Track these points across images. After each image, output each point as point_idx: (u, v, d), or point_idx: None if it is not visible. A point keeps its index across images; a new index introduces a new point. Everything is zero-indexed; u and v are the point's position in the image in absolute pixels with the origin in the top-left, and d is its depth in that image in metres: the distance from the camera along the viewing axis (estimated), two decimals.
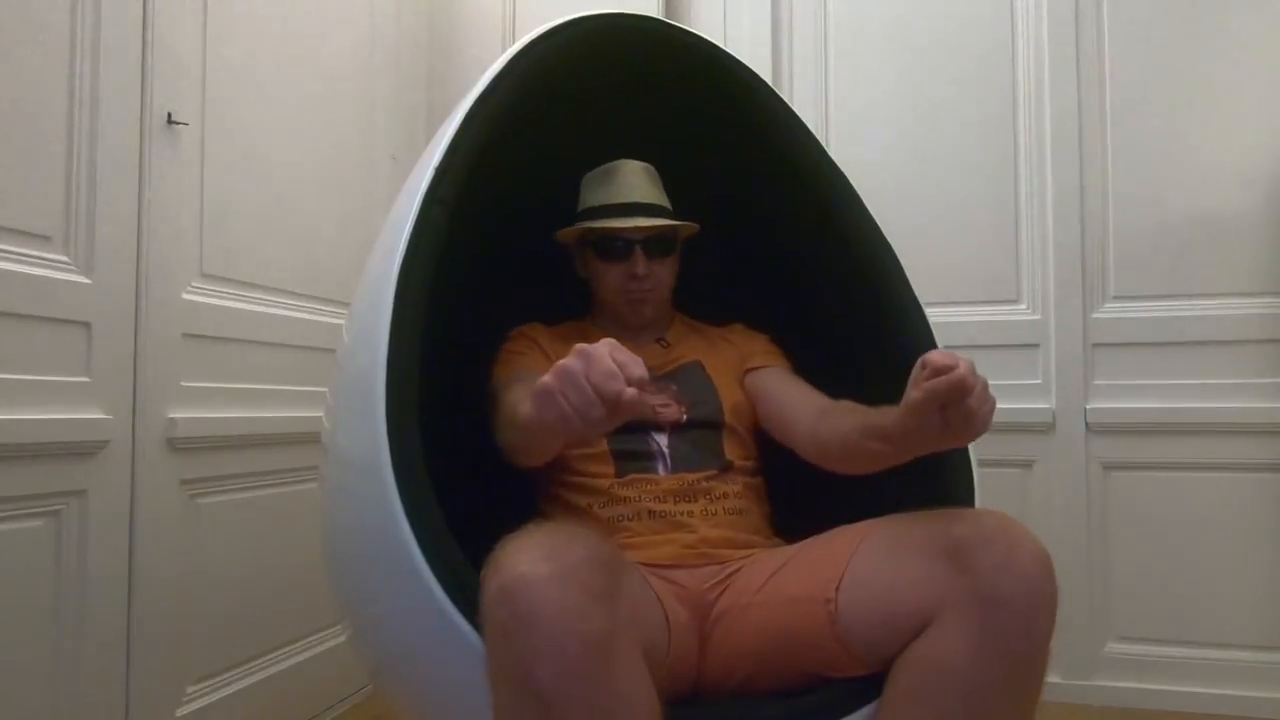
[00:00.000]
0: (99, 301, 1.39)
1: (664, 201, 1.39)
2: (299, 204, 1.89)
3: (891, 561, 0.97)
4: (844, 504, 1.20)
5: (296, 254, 1.88)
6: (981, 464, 1.22)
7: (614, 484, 1.23)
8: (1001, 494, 2.00)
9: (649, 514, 1.21)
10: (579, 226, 1.36)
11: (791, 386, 1.35)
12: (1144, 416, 2.06)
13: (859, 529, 1.06)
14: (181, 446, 1.54)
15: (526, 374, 1.22)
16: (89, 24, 1.37)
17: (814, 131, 1.37)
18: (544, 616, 0.76)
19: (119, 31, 1.42)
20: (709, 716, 1.05)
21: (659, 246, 1.34)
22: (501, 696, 0.81)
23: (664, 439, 1.28)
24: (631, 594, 0.92)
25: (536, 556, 0.80)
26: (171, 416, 1.52)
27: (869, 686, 0.97)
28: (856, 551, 1.01)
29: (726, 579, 1.15)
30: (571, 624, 0.77)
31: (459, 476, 1.02)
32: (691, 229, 1.39)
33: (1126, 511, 2.08)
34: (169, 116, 1.52)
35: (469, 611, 0.89)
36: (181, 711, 1.56)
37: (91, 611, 1.37)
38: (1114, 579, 2.08)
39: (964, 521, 0.94)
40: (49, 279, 1.31)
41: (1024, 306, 2.18)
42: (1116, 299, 2.12)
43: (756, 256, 1.57)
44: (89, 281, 1.37)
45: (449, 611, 0.91)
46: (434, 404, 1.03)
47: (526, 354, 1.32)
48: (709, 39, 1.44)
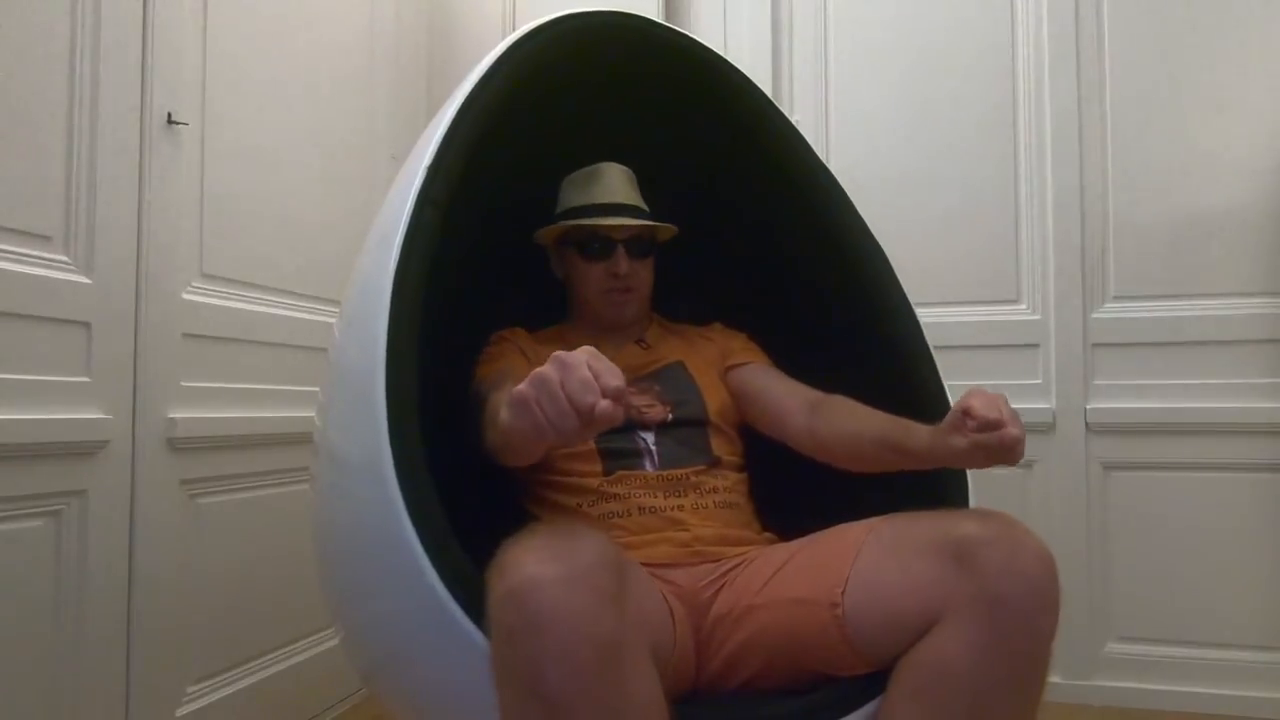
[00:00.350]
0: (99, 301, 1.39)
1: (644, 205, 1.41)
2: (299, 204, 1.89)
3: (896, 563, 0.97)
4: (836, 500, 1.21)
5: (296, 254, 1.88)
6: None
7: (602, 482, 1.24)
8: (1001, 494, 2.00)
9: (640, 510, 1.21)
10: (562, 225, 1.37)
11: (776, 381, 1.37)
12: (1144, 416, 2.07)
13: (860, 528, 1.05)
14: (181, 446, 1.54)
15: (508, 375, 1.23)
16: (89, 24, 1.37)
17: (814, 132, 1.37)
18: (553, 619, 0.76)
19: (119, 31, 1.42)
20: (715, 715, 1.04)
21: (639, 247, 1.36)
22: (508, 698, 0.81)
23: (651, 437, 1.28)
24: (638, 594, 0.91)
25: (544, 558, 0.79)
26: (171, 416, 1.52)
27: (871, 684, 0.98)
28: (860, 552, 1.01)
29: (722, 577, 1.15)
30: (581, 627, 0.76)
31: (447, 477, 1.01)
32: (670, 231, 1.41)
33: (1126, 511, 2.08)
34: (169, 116, 1.52)
35: (473, 611, 0.88)
36: (181, 711, 1.56)
37: (91, 611, 1.37)
38: (1114, 579, 2.08)
39: (968, 522, 0.94)
40: (49, 279, 1.31)
41: (1024, 306, 2.18)
42: (1116, 299, 2.12)
43: (744, 257, 1.57)
44: (89, 281, 1.37)
45: (453, 611, 0.90)
46: (422, 404, 1.02)
47: (507, 356, 1.32)
48: (698, 39, 1.44)
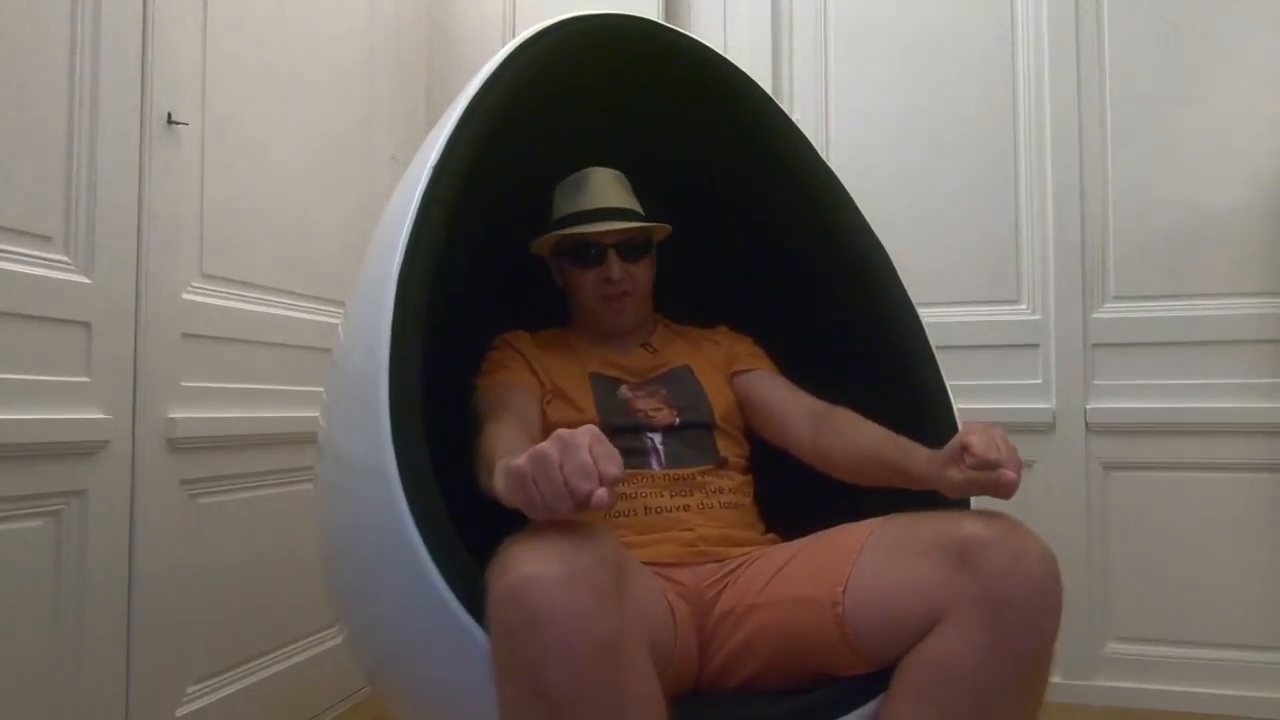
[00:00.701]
0: (99, 301, 1.39)
1: (634, 206, 1.40)
2: (299, 204, 1.89)
3: (898, 562, 0.97)
4: (838, 501, 1.21)
5: (296, 254, 1.88)
6: None
7: (620, 485, 1.23)
8: None
9: (645, 510, 1.22)
10: (552, 235, 1.37)
11: (781, 390, 1.38)
12: (1144, 416, 2.06)
13: (862, 528, 1.06)
14: (181, 446, 1.54)
15: (509, 393, 1.24)
16: (89, 24, 1.37)
17: (814, 131, 1.37)
18: (553, 618, 0.76)
19: (119, 31, 1.42)
20: (714, 714, 1.05)
21: (632, 250, 1.36)
22: (509, 697, 0.81)
23: (658, 437, 1.29)
24: (638, 592, 0.91)
25: (544, 557, 0.79)
26: (171, 416, 1.52)
27: (871, 684, 0.98)
28: (861, 552, 1.01)
29: (726, 577, 1.15)
30: (581, 625, 0.76)
31: (450, 476, 1.01)
32: (664, 230, 1.40)
33: (1126, 511, 2.08)
34: (169, 116, 1.52)
35: (475, 610, 0.88)
36: (181, 711, 1.56)
37: (91, 611, 1.37)
38: (1114, 579, 2.08)
39: (971, 523, 0.94)
40: (49, 279, 1.31)
41: (1024, 306, 2.18)
42: (1116, 299, 2.12)
43: (747, 257, 1.57)
44: (89, 281, 1.37)
45: (455, 610, 0.90)
46: (425, 404, 1.02)
47: (510, 366, 1.32)
48: (700, 40, 1.44)
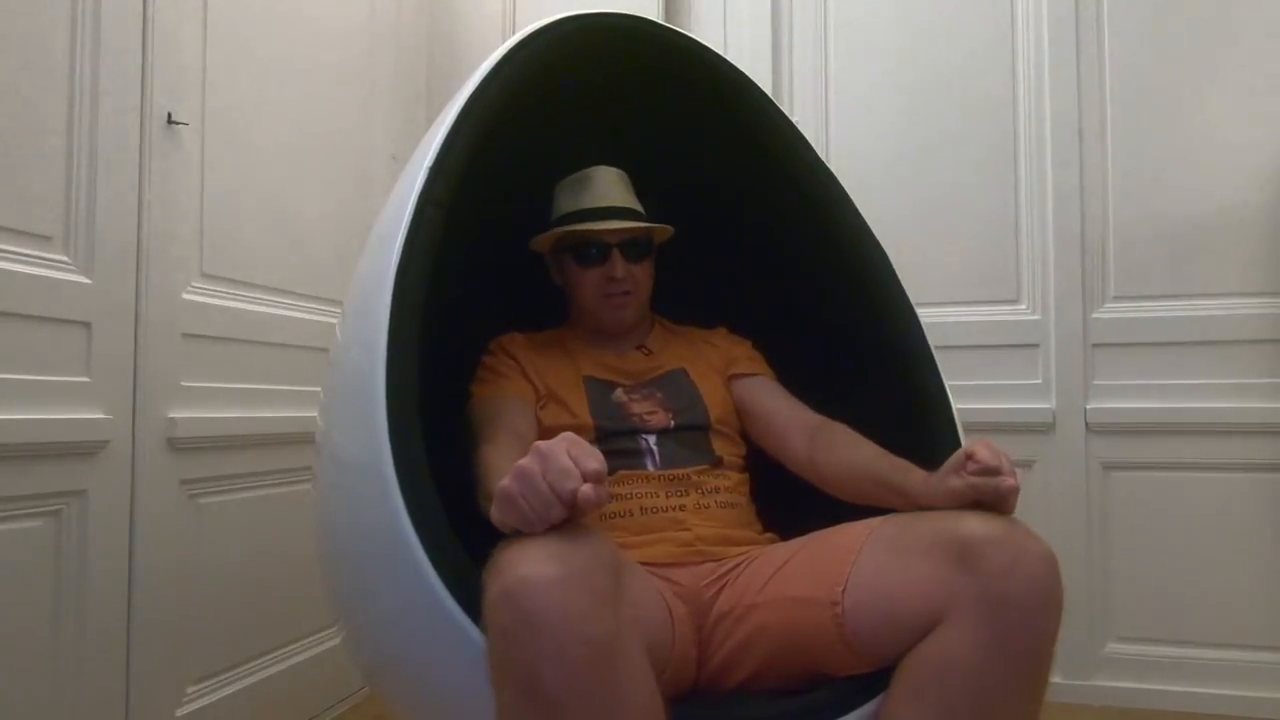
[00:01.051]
0: (99, 301, 1.39)
1: (638, 206, 1.40)
2: (299, 204, 1.89)
3: (897, 562, 0.97)
4: (837, 501, 1.21)
5: (296, 254, 1.88)
6: None
7: (606, 483, 1.23)
8: None
9: (641, 510, 1.22)
10: (554, 232, 1.36)
11: (779, 400, 1.37)
12: (1144, 416, 2.06)
13: (861, 527, 1.05)
14: (181, 446, 1.54)
15: (503, 405, 1.24)
16: (89, 24, 1.37)
17: (814, 131, 1.37)
18: (548, 620, 0.76)
19: (119, 31, 1.42)
20: (713, 715, 1.04)
21: (635, 250, 1.36)
22: (505, 698, 0.81)
23: (653, 439, 1.29)
24: (635, 593, 0.91)
25: (540, 558, 0.79)
26: (171, 416, 1.52)
27: (870, 684, 0.98)
28: (861, 551, 1.01)
29: (724, 576, 1.15)
30: (576, 627, 0.76)
31: (447, 476, 1.01)
32: (666, 232, 1.40)
33: (1126, 511, 2.08)
34: (169, 116, 1.52)
35: (472, 610, 0.88)
36: (181, 711, 1.56)
37: (91, 612, 1.37)
38: (1114, 579, 2.08)
39: (971, 522, 0.93)
40: (49, 279, 1.31)
41: (1024, 306, 2.18)
42: (1116, 299, 2.12)
43: (746, 257, 1.57)
44: (89, 281, 1.37)
45: (452, 610, 0.90)
46: (423, 404, 1.02)
47: (505, 374, 1.31)
48: (699, 40, 1.44)
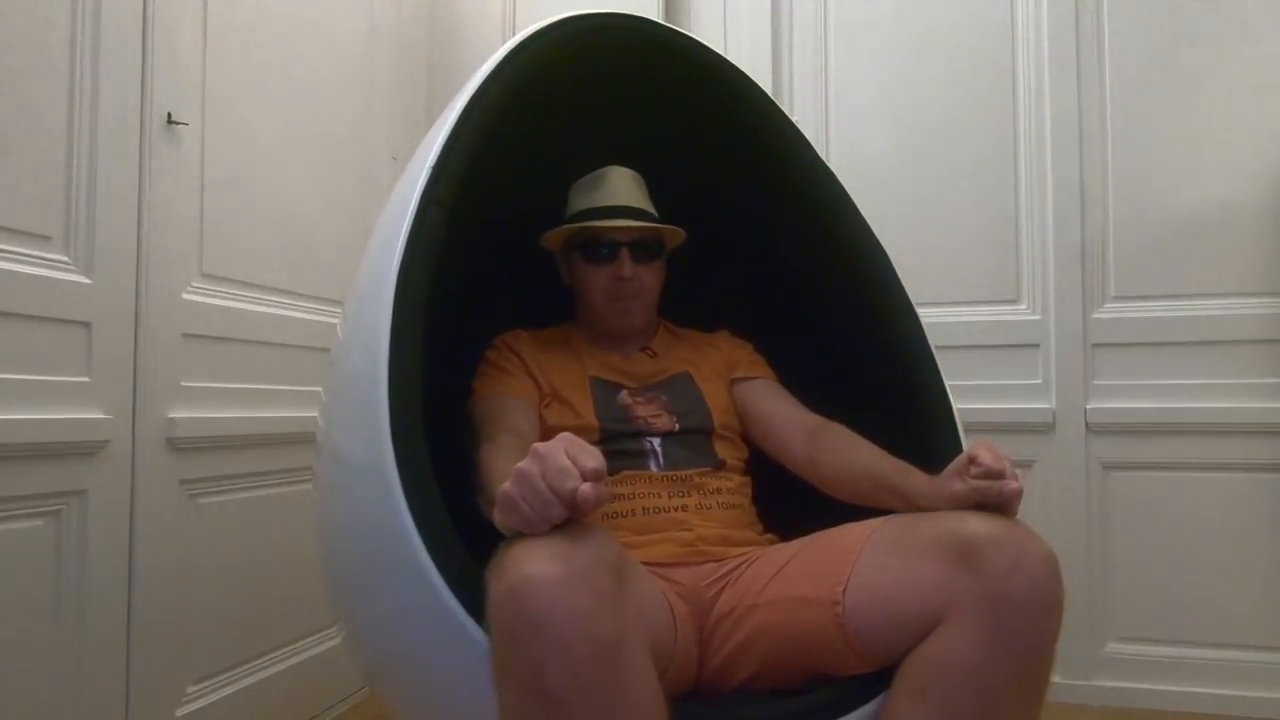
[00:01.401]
0: (99, 301, 1.39)
1: (650, 208, 1.40)
2: (299, 204, 1.89)
3: (899, 562, 0.97)
4: (838, 501, 1.21)
5: (296, 254, 1.88)
6: None
7: (607, 482, 1.23)
8: None
9: (644, 510, 1.22)
10: (565, 228, 1.37)
11: (780, 403, 1.38)
12: (1144, 416, 2.07)
13: (863, 528, 1.06)
14: (181, 446, 1.54)
15: (506, 405, 1.24)
16: (89, 24, 1.37)
17: (814, 131, 1.36)
18: (552, 619, 0.76)
19: (119, 31, 1.42)
20: (714, 714, 1.04)
21: (645, 250, 1.35)
22: (509, 698, 0.81)
23: (656, 441, 1.29)
24: (638, 593, 0.91)
25: (543, 557, 0.79)
26: (171, 416, 1.52)
27: (871, 684, 0.98)
28: (862, 552, 1.01)
29: (725, 577, 1.15)
30: (580, 626, 0.76)
31: (449, 476, 1.01)
32: (679, 236, 1.40)
33: (1126, 511, 2.08)
34: (169, 116, 1.52)
35: (475, 610, 0.88)
36: (181, 711, 1.56)
37: (91, 611, 1.37)
38: (1114, 579, 2.08)
39: (972, 522, 0.93)
40: (49, 279, 1.31)
41: (1024, 306, 2.18)
42: (1116, 299, 2.12)
43: (746, 258, 1.57)
44: (89, 281, 1.37)
45: (454, 610, 0.90)
46: (425, 404, 1.02)
47: (508, 371, 1.31)
48: (699, 40, 1.44)
